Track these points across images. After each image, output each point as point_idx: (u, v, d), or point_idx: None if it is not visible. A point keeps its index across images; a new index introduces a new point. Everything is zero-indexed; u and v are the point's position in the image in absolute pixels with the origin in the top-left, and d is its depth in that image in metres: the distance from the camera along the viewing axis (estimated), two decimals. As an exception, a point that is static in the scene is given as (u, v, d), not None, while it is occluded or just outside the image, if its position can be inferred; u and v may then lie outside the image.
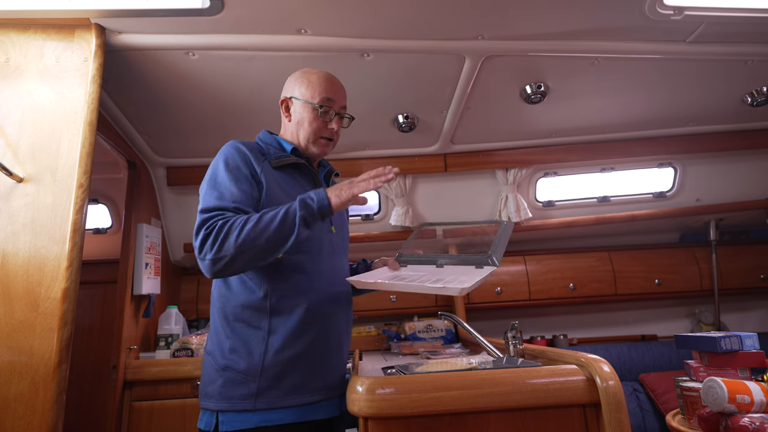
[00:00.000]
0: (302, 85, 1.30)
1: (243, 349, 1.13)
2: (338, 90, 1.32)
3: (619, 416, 0.99)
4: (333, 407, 1.20)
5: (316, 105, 1.28)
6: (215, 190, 1.14)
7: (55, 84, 1.45)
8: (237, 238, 1.04)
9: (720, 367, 1.57)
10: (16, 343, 1.25)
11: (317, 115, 1.28)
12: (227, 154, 1.19)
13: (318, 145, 1.30)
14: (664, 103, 2.15)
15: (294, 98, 1.31)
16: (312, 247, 1.21)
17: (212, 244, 1.05)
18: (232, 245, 1.04)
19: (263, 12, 1.47)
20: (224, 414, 1.11)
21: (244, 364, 1.12)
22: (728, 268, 2.76)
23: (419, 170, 2.45)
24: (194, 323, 2.54)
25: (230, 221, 1.07)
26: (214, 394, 1.13)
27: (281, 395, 1.11)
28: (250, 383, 1.11)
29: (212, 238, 1.05)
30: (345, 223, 1.42)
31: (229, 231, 1.05)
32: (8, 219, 1.33)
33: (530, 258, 2.77)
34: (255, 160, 1.19)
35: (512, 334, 1.47)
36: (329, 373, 1.20)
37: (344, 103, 1.34)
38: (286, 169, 1.26)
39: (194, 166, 2.35)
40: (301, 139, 1.30)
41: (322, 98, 1.28)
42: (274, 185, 1.19)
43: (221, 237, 1.04)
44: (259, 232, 1.05)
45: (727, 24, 1.62)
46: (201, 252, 1.07)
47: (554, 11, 1.53)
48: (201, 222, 1.09)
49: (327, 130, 1.30)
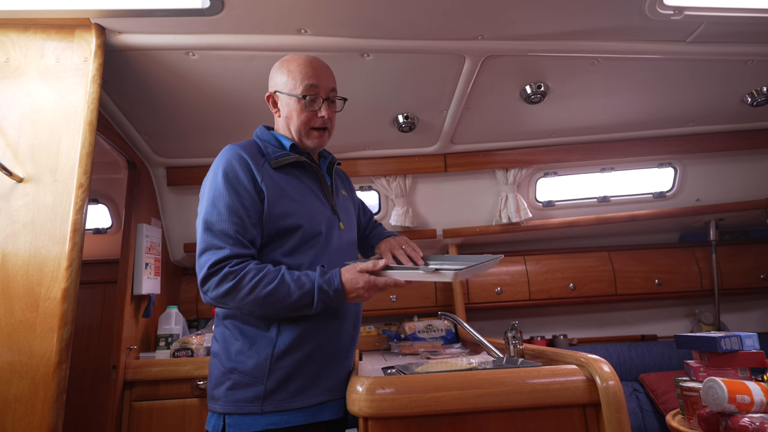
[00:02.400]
0: (283, 76, 1.24)
1: (251, 350, 1.12)
2: (322, 73, 1.23)
3: (619, 416, 0.99)
4: (340, 408, 1.19)
5: (299, 95, 1.21)
6: (215, 208, 1.11)
7: (55, 84, 1.45)
8: (243, 298, 1.06)
9: (720, 367, 1.57)
10: (16, 343, 1.25)
11: (304, 106, 1.21)
12: (226, 164, 1.15)
13: (311, 137, 1.24)
14: (664, 103, 2.16)
15: (278, 92, 1.26)
16: (321, 244, 1.20)
17: (216, 285, 1.06)
18: (235, 301, 1.07)
19: (263, 12, 1.47)
20: (231, 417, 1.10)
21: (252, 366, 1.11)
22: (728, 268, 2.75)
23: (419, 170, 2.45)
24: (194, 323, 2.54)
25: (240, 274, 1.06)
26: (220, 397, 1.12)
27: (288, 397, 1.10)
28: (258, 386, 1.09)
29: (217, 279, 1.06)
30: (352, 216, 1.39)
31: (237, 286, 1.05)
32: (8, 219, 1.33)
33: (530, 258, 2.77)
34: (255, 165, 1.16)
35: (512, 334, 1.47)
36: (337, 374, 1.19)
37: (332, 86, 1.25)
38: (288, 169, 1.23)
39: (194, 166, 2.35)
40: (293, 134, 1.25)
41: (304, 86, 1.21)
42: (277, 190, 1.16)
43: (226, 287, 1.06)
44: (268, 303, 1.07)
45: (727, 24, 1.62)
46: (204, 286, 1.08)
47: (554, 11, 1.53)
48: (206, 252, 1.09)
49: (317, 120, 1.23)
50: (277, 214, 1.14)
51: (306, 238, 1.17)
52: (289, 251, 1.16)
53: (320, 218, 1.21)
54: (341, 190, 1.39)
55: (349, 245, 1.31)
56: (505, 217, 2.52)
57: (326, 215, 1.24)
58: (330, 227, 1.23)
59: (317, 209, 1.22)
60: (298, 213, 1.17)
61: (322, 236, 1.20)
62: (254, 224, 1.13)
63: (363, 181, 2.54)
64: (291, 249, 1.16)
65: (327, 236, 1.21)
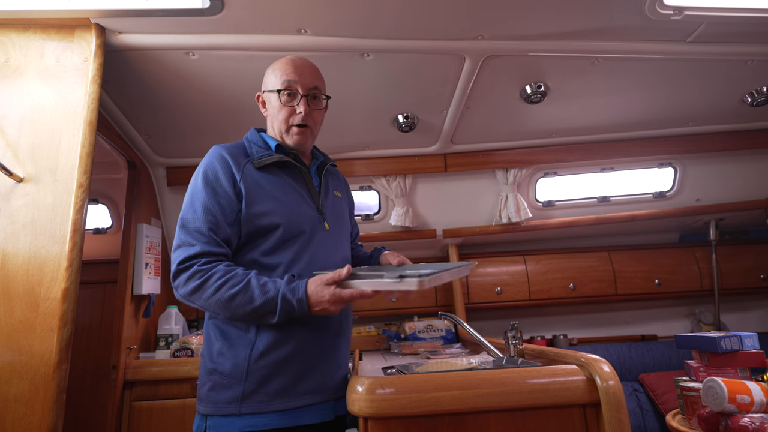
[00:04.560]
0: (269, 76, 1.27)
1: (229, 352, 1.11)
2: (302, 70, 1.24)
3: (619, 416, 0.99)
4: (327, 411, 1.16)
5: (277, 90, 1.22)
6: (192, 207, 1.13)
7: (55, 84, 1.45)
8: (208, 299, 1.06)
9: (720, 367, 1.57)
10: (16, 343, 1.25)
11: (282, 102, 1.22)
12: (207, 165, 1.17)
13: (291, 134, 1.24)
14: (664, 103, 2.16)
15: (265, 91, 1.28)
16: (302, 243, 1.18)
17: (185, 282, 1.08)
18: (201, 300, 1.07)
19: (263, 12, 1.47)
20: (211, 418, 1.09)
21: (230, 367, 1.10)
22: (728, 268, 2.75)
23: (419, 170, 2.45)
24: (194, 323, 2.54)
25: (207, 274, 1.06)
26: (203, 398, 1.12)
27: (267, 399, 1.09)
28: (235, 387, 1.09)
29: (186, 277, 1.07)
30: (343, 218, 1.37)
31: (202, 285, 1.06)
32: (8, 219, 1.33)
33: (530, 258, 2.77)
34: (235, 165, 1.16)
35: (512, 334, 1.48)
36: (320, 377, 1.16)
37: (315, 84, 1.25)
38: (272, 168, 1.22)
39: (194, 166, 2.28)
40: (276, 132, 1.26)
41: (282, 81, 1.22)
42: (256, 189, 1.16)
43: (193, 285, 1.07)
44: (231, 306, 1.06)
45: (727, 24, 1.62)
46: (175, 281, 1.10)
47: (554, 11, 1.53)
48: (179, 248, 1.11)
49: (296, 116, 1.22)
50: (255, 213, 1.14)
51: (287, 237, 1.16)
52: (268, 250, 1.15)
53: (303, 218, 1.20)
54: (334, 191, 1.37)
55: (335, 246, 1.27)
56: (505, 217, 2.52)
57: (310, 215, 1.22)
58: (314, 227, 1.21)
59: (300, 209, 1.21)
60: (278, 212, 1.16)
61: (305, 235, 1.19)
62: (230, 224, 1.13)
63: (363, 181, 2.54)
64: (270, 248, 1.16)
65: (310, 235, 1.20)
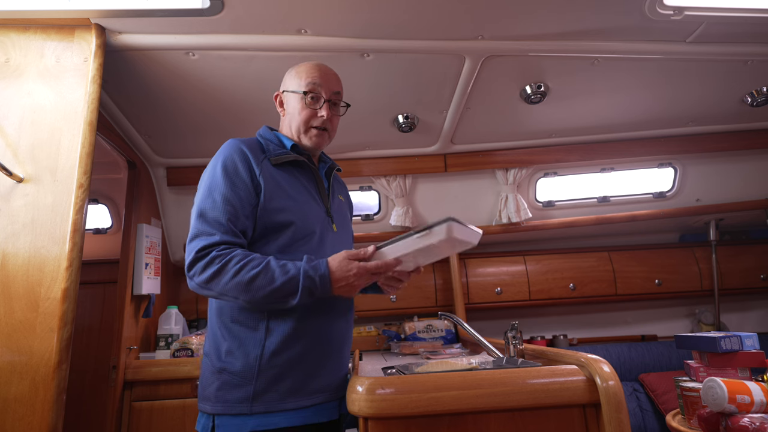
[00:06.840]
0: (292, 77, 1.29)
1: (239, 351, 1.11)
2: (327, 76, 1.28)
3: (619, 416, 0.99)
4: (333, 410, 1.18)
5: (302, 92, 1.25)
6: (210, 197, 1.13)
7: (55, 84, 1.45)
8: (227, 283, 1.05)
9: (720, 367, 1.57)
10: (16, 343, 1.25)
11: (305, 103, 1.25)
12: (226, 156, 1.17)
13: (310, 135, 1.27)
14: (664, 103, 2.15)
15: (285, 91, 1.31)
16: (314, 244, 1.20)
17: (202, 270, 1.06)
18: (219, 285, 1.06)
19: (263, 12, 1.47)
20: (220, 417, 1.09)
21: (240, 366, 1.10)
22: (728, 268, 2.75)
23: (419, 170, 2.45)
24: (194, 323, 2.54)
25: (226, 258, 1.06)
26: (210, 397, 1.12)
27: (279, 398, 1.09)
28: (246, 386, 1.09)
29: (204, 264, 1.06)
30: (348, 221, 1.41)
31: (221, 270, 1.05)
32: (8, 219, 1.33)
33: (530, 258, 2.77)
34: (254, 159, 1.18)
35: (512, 334, 1.47)
36: (329, 376, 1.18)
37: (337, 89, 1.29)
38: (286, 167, 1.25)
39: (194, 166, 2.35)
40: (294, 132, 1.28)
41: (307, 84, 1.25)
42: (274, 185, 1.18)
43: (211, 271, 1.05)
44: (251, 288, 1.05)
45: (727, 24, 1.62)
46: (190, 271, 1.08)
47: (554, 11, 1.53)
48: (196, 237, 1.09)
49: (317, 119, 1.25)
50: (272, 209, 1.15)
51: (298, 236, 1.17)
52: (281, 248, 1.16)
53: (314, 218, 1.22)
54: (338, 195, 1.40)
55: (342, 248, 1.28)
56: (505, 217, 2.52)
57: (320, 216, 1.24)
58: (324, 228, 1.23)
59: (312, 209, 1.23)
60: (293, 210, 1.18)
61: (316, 236, 1.20)
62: (247, 216, 1.13)
63: (363, 181, 2.54)
64: (283, 245, 1.16)
65: (320, 237, 1.22)
